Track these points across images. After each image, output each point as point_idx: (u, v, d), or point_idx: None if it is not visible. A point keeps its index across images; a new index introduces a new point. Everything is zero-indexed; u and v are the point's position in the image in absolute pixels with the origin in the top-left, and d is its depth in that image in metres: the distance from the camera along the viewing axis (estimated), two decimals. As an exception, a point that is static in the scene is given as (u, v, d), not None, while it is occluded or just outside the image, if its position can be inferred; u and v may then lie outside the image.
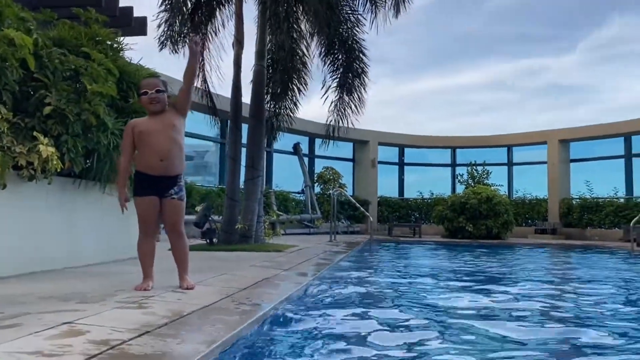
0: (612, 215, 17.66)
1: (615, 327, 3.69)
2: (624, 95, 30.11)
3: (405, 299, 4.90)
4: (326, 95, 9.89)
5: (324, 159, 21.51)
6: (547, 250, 13.04)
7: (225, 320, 3.11)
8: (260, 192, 9.51)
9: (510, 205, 17.86)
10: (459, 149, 22.58)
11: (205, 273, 5.24)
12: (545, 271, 8.24)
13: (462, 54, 33.28)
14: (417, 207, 21.99)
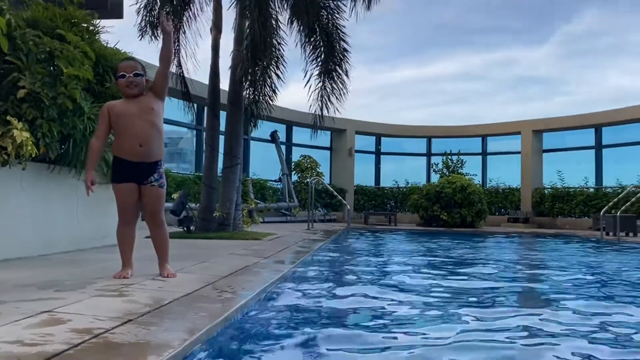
0: (582, 205, 18.09)
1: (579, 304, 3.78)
2: (592, 87, 30.77)
3: (382, 282, 4.94)
4: (309, 83, 9.84)
5: (302, 147, 21.47)
6: (519, 238, 13.29)
7: (208, 308, 3.09)
8: (238, 179, 9.45)
9: (484, 194, 18.13)
10: (435, 138, 22.78)
11: (184, 261, 5.19)
12: (518, 257, 8.42)
13: (437, 43, 33.52)
14: (393, 195, 22.16)
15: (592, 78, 30.55)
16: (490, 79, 32.22)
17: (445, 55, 32.91)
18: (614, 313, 3.71)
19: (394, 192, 22.24)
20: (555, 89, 31.52)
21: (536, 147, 20.16)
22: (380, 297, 4.10)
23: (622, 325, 3.29)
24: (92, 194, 4.05)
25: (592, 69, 30.35)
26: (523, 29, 31.03)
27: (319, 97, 9.95)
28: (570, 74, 30.41)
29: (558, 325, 3.20)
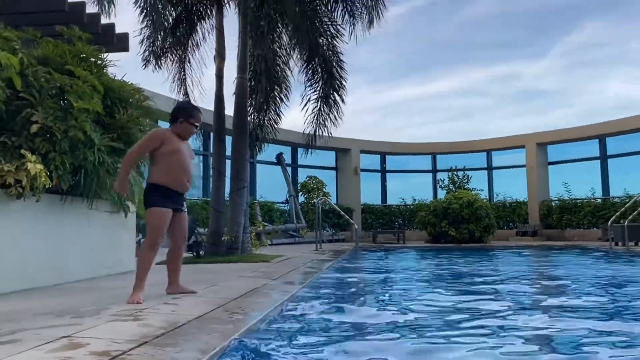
0: (590, 216, 18.07)
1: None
2: (594, 98, 30.86)
3: (391, 301, 5.02)
4: (306, 107, 10.05)
5: (307, 168, 21.65)
6: (528, 252, 13.28)
7: (220, 329, 3.20)
8: (245, 203, 9.59)
9: (491, 208, 18.16)
10: (440, 155, 22.90)
11: (195, 285, 5.30)
12: (527, 270, 8.45)
13: (438, 61, 33.82)
14: (400, 213, 22.22)
15: (595, 88, 30.72)
16: (493, 94, 32.46)
17: (448, 72, 33.26)
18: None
19: (401, 209, 22.30)
20: (558, 101, 31.69)
21: (541, 160, 20.22)
22: (388, 318, 4.18)
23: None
24: (103, 222, 4.24)
25: (594, 79, 30.54)
26: (524, 43, 31.35)
27: (315, 119, 10.13)
28: (573, 85, 30.60)
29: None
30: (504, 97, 32.22)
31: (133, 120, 6.25)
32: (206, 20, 10.56)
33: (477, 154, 22.07)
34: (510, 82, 31.84)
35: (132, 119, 6.24)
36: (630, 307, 4.66)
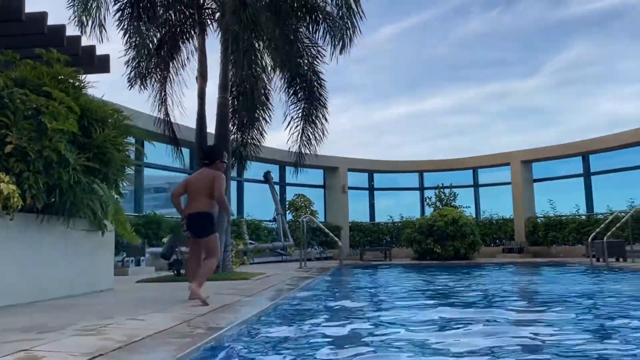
0: (574, 232, 18.23)
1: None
2: (584, 116, 31.30)
3: (365, 316, 5.13)
4: (289, 126, 10.23)
5: (295, 186, 21.75)
6: (508, 268, 13.41)
7: (178, 342, 3.29)
8: (227, 222, 9.67)
9: (477, 225, 18.30)
10: (427, 172, 23.10)
11: (166, 303, 5.39)
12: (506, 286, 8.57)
13: (430, 79, 34.26)
14: (388, 230, 22.31)
15: (585, 106, 31.18)
16: (486, 112, 32.86)
17: (440, 90, 33.68)
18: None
19: (388, 227, 22.41)
20: (548, 119, 32.12)
21: (526, 177, 20.45)
22: (354, 334, 4.28)
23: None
24: (81, 241, 4.42)
25: (584, 97, 31.00)
26: (515, 61, 31.85)
27: (299, 138, 10.29)
28: (563, 103, 31.06)
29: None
30: (496, 114, 32.64)
31: (110, 140, 6.36)
32: (190, 41, 10.77)
33: (464, 171, 22.28)
34: (502, 100, 32.28)
35: (109, 139, 6.35)
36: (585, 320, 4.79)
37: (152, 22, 9.75)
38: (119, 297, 6.25)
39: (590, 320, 4.83)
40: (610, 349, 3.48)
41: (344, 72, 33.64)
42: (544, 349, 3.56)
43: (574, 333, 4.13)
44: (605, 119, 31.48)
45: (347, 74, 31.63)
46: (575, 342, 3.74)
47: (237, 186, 19.43)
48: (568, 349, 3.50)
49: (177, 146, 10.83)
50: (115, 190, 7.21)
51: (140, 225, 13.35)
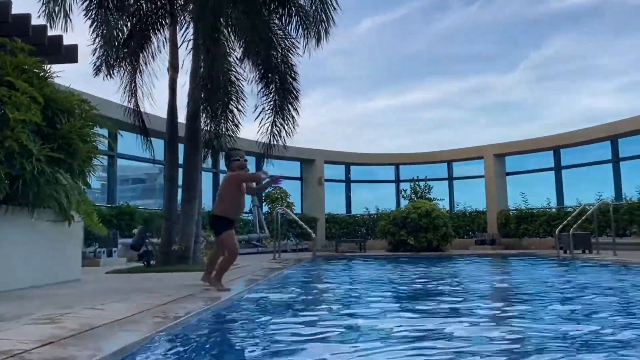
0: (545, 225, 18.61)
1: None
2: (561, 111, 31.81)
3: (327, 305, 5.24)
4: (259, 118, 10.26)
5: (272, 178, 21.78)
6: (476, 259, 13.67)
7: (134, 329, 3.35)
8: (197, 213, 9.70)
9: (451, 218, 18.56)
10: (403, 165, 23.32)
11: (131, 293, 5.43)
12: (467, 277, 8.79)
13: (411, 73, 34.46)
14: (364, 222, 22.50)
15: (562, 101, 31.69)
16: (465, 106, 33.21)
17: (420, 84, 33.89)
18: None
19: (364, 219, 22.60)
20: (527, 114, 32.56)
21: (499, 171, 20.78)
22: (311, 324, 4.38)
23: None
24: (47, 231, 4.46)
25: (562, 92, 31.49)
26: (494, 56, 32.18)
27: (270, 130, 10.34)
28: (541, 98, 31.51)
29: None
30: (476, 109, 32.99)
31: (76, 130, 6.35)
32: (160, 32, 10.70)
33: (439, 164, 22.55)
34: (481, 94, 32.62)
35: (75, 130, 6.33)
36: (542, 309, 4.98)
37: (122, 11, 9.67)
38: (84, 287, 6.26)
39: (543, 308, 5.02)
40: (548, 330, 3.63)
41: (326, 64, 33.66)
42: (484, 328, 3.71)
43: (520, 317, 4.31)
44: (581, 114, 32.08)
45: (328, 66, 31.65)
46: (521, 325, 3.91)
47: (213, 178, 19.39)
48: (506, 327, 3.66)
49: (147, 137, 10.78)
50: (82, 180, 7.20)
51: (113, 216, 13.30)
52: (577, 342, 3.41)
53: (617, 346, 3.25)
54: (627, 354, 3.03)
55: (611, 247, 12.55)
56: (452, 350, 3.12)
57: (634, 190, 16.66)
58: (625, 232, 15.77)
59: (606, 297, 5.64)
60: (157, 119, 11.58)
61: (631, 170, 17.65)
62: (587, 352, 3.17)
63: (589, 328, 3.84)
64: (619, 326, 3.90)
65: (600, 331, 3.66)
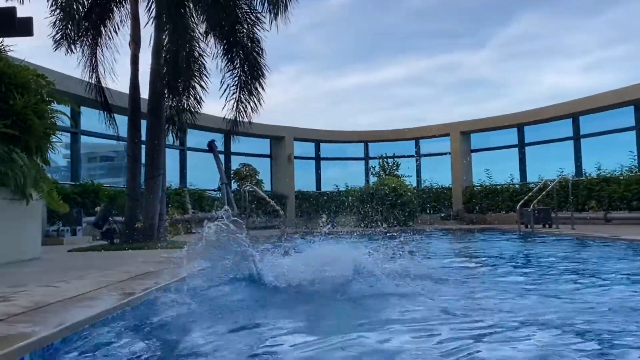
0: (508, 200, 19.08)
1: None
2: (529, 88, 32.34)
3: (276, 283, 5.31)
4: (224, 94, 10.17)
5: (241, 155, 21.71)
6: (440, 234, 13.99)
7: (88, 306, 3.35)
8: (161, 190, 9.62)
9: (417, 194, 18.87)
10: (372, 142, 23.47)
11: (90, 270, 5.40)
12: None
13: (383, 49, 34.45)
14: (333, 199, 22.67)
15: (530, 79, 32.19)
16: (435, 83, 33.45)
17: (392, 61, 33.92)
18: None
19: (334, 196, 22.76)
20: (496, 91, 33.03)
21: (464, 148, 21.13)
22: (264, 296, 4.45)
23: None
24: (3, 210, 4.31)
25: (530, 70, 31.98)
26: (465, 33, 32.39)
27: (235, 107, 10.26)
28: (510, 75, 31.94)
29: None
30: (446, 86, 33.27)
31: (31, 106, 6.20)
32: (123, 5, 10.43)
33: (407, 141, 22.79)
34: (451, 71, 32.89)
35: (30, 105, 6.18)
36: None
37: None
38: (43, 265, 6.20)
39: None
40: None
41: (298, 39, 33.35)
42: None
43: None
44: (546, 92, 32.68)
45: (300, 42, 31.43)
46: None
47: (180, 155, 19.20)
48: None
49: (109, 113, 10.59)
50: (40, 158, 7.06)
51: (77, 194, 13.08)
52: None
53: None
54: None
55: (570, 221, 12.97)
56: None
57: (593, 167, 17.18)
58: (584, 206, 16.28)
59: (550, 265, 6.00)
60: (120, 95, 11.37)
61: (591, 147, 18.16)
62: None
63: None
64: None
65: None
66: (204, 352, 2.79)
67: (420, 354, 2.56)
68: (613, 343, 2.72)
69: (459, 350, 2.55)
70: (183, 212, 16.00)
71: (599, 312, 3.43)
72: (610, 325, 3.09)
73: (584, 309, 3.56)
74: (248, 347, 2.88)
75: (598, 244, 9.00)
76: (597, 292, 4.32)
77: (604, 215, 14.99)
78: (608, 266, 6.03)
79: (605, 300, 3.87)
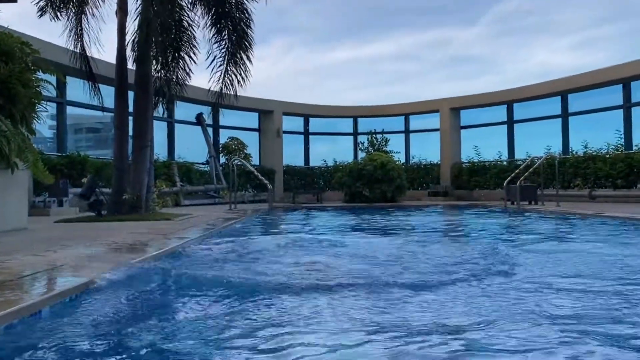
0: (496, 177, 19.19)
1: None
2: (518, 66, 32.30)
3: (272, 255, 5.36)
4: (211, 66, 10.05)
5: (230, 129, 21.56)
6: (426, 209, 14.11)
7: (72, 275, 3.36)
8: (148, 162, 9.57)
9: (406, 170, 18.93)
10: (361, 118, 23.40)
11: (76, 240, 5.39)
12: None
13: (375, 24, 34.11)
14: (322, 174, 22.69)
15: (520, 56, 32.12)
16: (425, 59, 33.27)
17: (383, 35, 33.60)
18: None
19: (322, 171, 22.77)
20: (486, 68, 32.96)
21: (454, 124, 21.15)
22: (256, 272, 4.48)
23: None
24: None
25: (521, 47, 31.87)
26: (458, 9, 32.12)
27: (221, 79, 10.15)
28: (500, 53, 31.84)
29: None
30: (436, 62, 33.13)
31: (15, 75, 6.09)
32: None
33: (396, 117, 22.74)
34: (442, 48, 32.72)
35: (14, 74, 6.08)
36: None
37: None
38: (29, 236, 6.18)
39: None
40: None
41: (288, 12, 32.88)
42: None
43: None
44: (538, 69, 32.67)
45: (291, 15, 31.01)
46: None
47: (168, 127, 19.03)
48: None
49: (94, 83, 10.43)
50: (25, 127, 6.96)
51: (63, 166, 12.96)
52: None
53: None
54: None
55: (556, 198, 13.12)
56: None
57: (580, 145, 17.30)
58: (570, 184, 16.45)
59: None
60: (107, 65, 11.18)
61: (578, 125, 18.26)
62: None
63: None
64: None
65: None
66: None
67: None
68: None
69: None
70: (171, 185, 15.94)
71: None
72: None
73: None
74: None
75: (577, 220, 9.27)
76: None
77: (588, 193, 15.17)
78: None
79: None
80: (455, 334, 2.37)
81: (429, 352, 2.11)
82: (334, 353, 2.15)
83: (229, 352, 2.23)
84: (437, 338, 2.29)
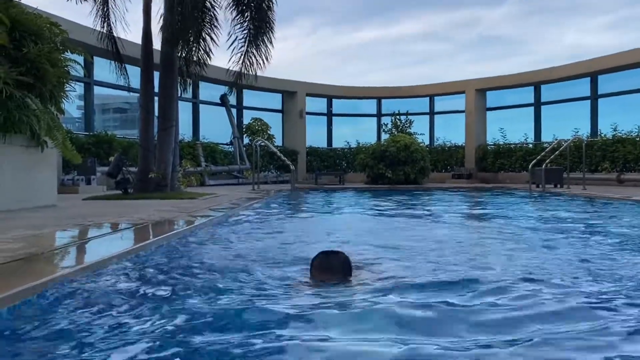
0: (521, 160, 18.94)
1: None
2: (547, 47, 31.60)
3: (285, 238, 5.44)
4: (233, 47, 10.07)
5: (253, 110, 21.66)
6: (447, 192, 14.02)
7: (102, 249, 3.49)
8: (173, 141, 9.71)
9: (429, 152, 18.81)
10: (385, 99, 23.25)
11: (103, 217, 5.54)
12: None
13: (401, 3, 33.68)
14: (345, 156, 22.68)
15: (550, 37, 31.42)
16: (452, 40, 32.82)
17: (410, 15, 33.24)
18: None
19: (345, 152, 22.76)
20: (513, 49, 32.42)
21: (480, 106, 20.86)
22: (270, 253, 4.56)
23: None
24: (18, 157, 4.37)
25: (550, 27, 31.17)
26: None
27: (241, 60, 10.17)
28: (528, 33, 31.20)
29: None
30: (462, 43, 32.64)
31: (44, 54, 6.23)
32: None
33: (421, 99, 22.52)
34: (469, 28, 32.18)
35: (44, 53, 6.21)
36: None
37: None
38: (58, 212, 6.36)
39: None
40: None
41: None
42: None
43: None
44: (567, 51, 31.93)
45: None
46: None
47: (193, 108, 19.22)
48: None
49: (121, 63, 10.57)
50: (55, 106, 7.13)
51: (91, 145, 13.25)
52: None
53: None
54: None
55: (582, 182, 12.92)
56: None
57: (609, 128, 16.93)
58: (598, 167, 16.15)
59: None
60: (133, 45, 11.31)
61: (608, 107, 17.85)
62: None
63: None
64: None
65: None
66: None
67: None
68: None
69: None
70: (196, 165, 16.14)
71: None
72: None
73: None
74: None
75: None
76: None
77: (616, 176, 14.88)
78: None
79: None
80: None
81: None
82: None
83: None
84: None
